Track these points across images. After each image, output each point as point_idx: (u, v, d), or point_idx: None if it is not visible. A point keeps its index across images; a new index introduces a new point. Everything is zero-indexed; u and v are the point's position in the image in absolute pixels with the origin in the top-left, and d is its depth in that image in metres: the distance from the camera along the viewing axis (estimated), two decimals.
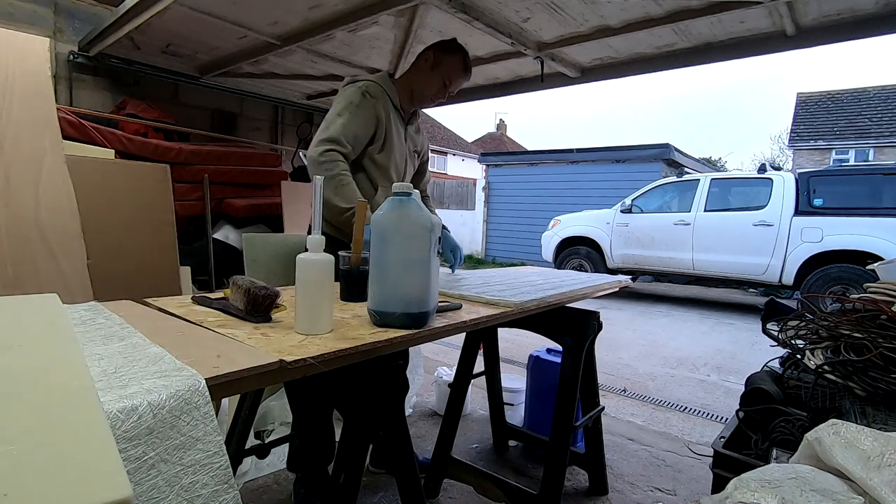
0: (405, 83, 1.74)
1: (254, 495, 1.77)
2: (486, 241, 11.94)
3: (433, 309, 0.98)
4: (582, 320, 1.59)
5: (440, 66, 1.71)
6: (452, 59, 1.72)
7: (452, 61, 1.72)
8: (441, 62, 1.71)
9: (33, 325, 0.79)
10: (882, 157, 12.84)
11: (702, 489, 1.94)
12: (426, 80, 1.72)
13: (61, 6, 2.82)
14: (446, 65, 1.71)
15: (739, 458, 1.14)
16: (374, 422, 1.18)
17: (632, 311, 6.23)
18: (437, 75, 1.71)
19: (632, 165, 9.58)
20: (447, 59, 1.71)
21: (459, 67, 1.73)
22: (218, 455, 0.57)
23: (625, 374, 3.54)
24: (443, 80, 1.71)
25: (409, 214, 0.94)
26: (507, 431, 2.21)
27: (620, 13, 1.99)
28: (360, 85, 1.60)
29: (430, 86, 1.72)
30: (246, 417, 1.44)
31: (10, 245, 1.90)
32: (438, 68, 1.70)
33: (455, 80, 1.74)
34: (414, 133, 1.84)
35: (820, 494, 0.70)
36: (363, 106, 1.57)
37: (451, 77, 1.72)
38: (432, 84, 1.72)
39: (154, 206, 2.46)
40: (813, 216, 5.64)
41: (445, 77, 1.72)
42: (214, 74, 3.06)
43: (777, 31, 2.03)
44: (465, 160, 25.75)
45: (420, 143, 1.90)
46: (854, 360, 1.10)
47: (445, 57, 1.71)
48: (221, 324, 0.90)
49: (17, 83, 2.09)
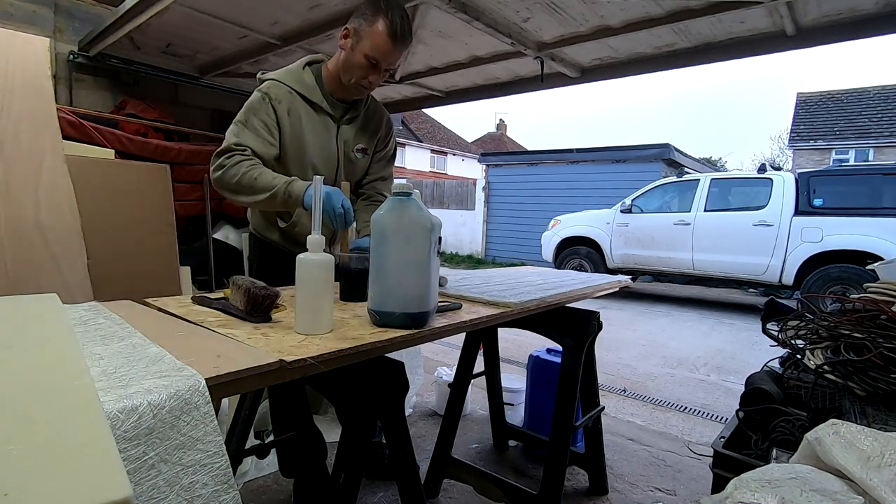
0: (333, 70, 1.43)
1: (254, 495, 1.77)
2: (486, 241, 11.94)
3: (433, 309, 0.98)
4: (582, 320, 1.59)
5: (360, 43, 1.33)
6: (373, 28, 1.30)
7: (373, 32, 1.31)
8: (361, 37, 1.33)
9: (33, 325, 0.79)
10: (882, 157, 12.84)
11: (702, 489, 1.94)
12: (348, 63, 1.37)
13: (61, 6, 2.82)
14: (367, 37, 1.32)
15: (739, 458, 1.14)
16: (373, 422, 1.18)
17: (632, 311, 6.23)
18: (359, 55, 1.34)
19: (632, 165, 9.58)
20: (367, 30, 1.31)
21: (384, 37, 1.30)
22: (218, 455, 0.57)
23: (625, 374, 3.54)
24: (367, 58, 1.33)
25: (409, 214, 0.94)
26: (507, 431, 2.21)
27: (620, 13, 1.99)
28: (263, 88, 1.39)
29: (353, 69, 1.37)
30: (246, 417, 1.44)
31: (10, 245, 1.90)
32: (359, 46, 1.33)
33: (383, 55, 1.33)
34: (355, 128, 1.53)
35: (820, 494, 0.70)
36: (259, 111, 1.36)
37: (377, 53, 1.32)
38: (356, 66, 1.36)
39: (154, 206, 2.46)
40: (813, 216, 5.64)
41: (370, 55, 1.33)
42: (214, 74, 3.06)
43: (777, 31, 2.03)
44: (465, 160, 25.76)
45: (369, 140, 1.58)
46: (854, 360, 1.10)
47: (365, 28, 1.32)
48: (221, 324, 0.90)
49: (17, 83, 2.09)
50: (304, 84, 1.43)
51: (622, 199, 7.30)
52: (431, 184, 13.91)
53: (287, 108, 1.39)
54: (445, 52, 2.54)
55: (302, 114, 1.42)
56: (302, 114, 1.42)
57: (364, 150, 1.58)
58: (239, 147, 1.33)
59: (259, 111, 1.36)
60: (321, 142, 1.46)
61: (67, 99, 2.84)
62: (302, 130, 1.42)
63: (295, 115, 1.41)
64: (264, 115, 1.36)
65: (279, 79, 1.41)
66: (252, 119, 1.35)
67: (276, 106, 1.37)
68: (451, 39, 2.37)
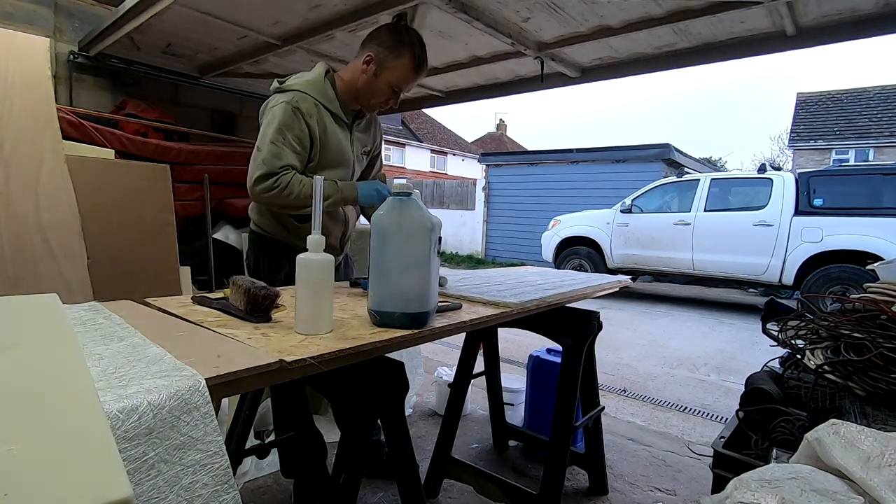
0: (348, 86, 1.53)
1: (254, 495, 1.77)
2: (486, 241, 11.95)
3: (433, 309, 0.98)
4: (582, 320, 1.59)
5: (385, 72, 1.46)
6: (400, 62, 1.45)
7: (399, 66, 1.46)
8: (385, 67, 1.46)
9: (33, 325, 0.79)
10: (882, 157, 12.84)
11: (702, 489, 1.94)
12: (371, 88, 1.49)
13: (61, 6, 2.82)
14: (392, 69, 1.46)
15: (739, 458, 1.14)
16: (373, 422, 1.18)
17: (632, 311, 6.23)
18: (383, 83, 1.48)
19: (632, 165, 9.58)
20: (393, 62, 1.45)
21: (409, 70, 1.47)
22: (218, 455, 0.57)
23: (625, 374, 3.54)
24: (390, 87, 1.49)
25: (409, 214, 0.94)
26: (507, 431, 2.21)
27: (620, 13, 1.99)
28: (290, 100, 1.41)
29: (376, 94, 1.51)
30: (246, 417, 1.44)
31: (10, 245, 1.90)
32: (383, 75, 1.47)
33: (406, 85, 1.51)
34: (361, 133, 1.66)
35: (820, 494, 0.70)
36: (293, 127, 1.41)
37: (401, 83, 1.49)
38: (379, 92, 1.50)
39: (154, 206, 2.46)
40: (813, 216, 5.64)
41: (393, 84, 1.49)
42: (214, 74, 3.06)
43: (777, 31, 2.03)
44: (465, 160, 25.76)
45: (370, 141, 1.71)
46: (854, 360, 1.10)
47: (390, 59, 1.45)
48: (221, 324, 0.90)
49: (17, 83, 2.09)
50: (327, 96, 1.50)
51: (622, 199, 7.30)
52: (431, 184, 13.91)
53: (316, 121, 1.46)
54: (445, 52, 2.54)
55: (326, 124, 1.49)
56: (326, 124, 1.49)
57: (367, 152, 1.71)
58: (283, 169, 1.40)
59: (293, 127, 1.41)
60: (342, 148, 1.55)
61: (67, 99, 2.84)
62: (328, 139, 1.50)
63: (321, 125, 1.47)
64: (298, 131, 1.42)
65: (305, 90, 1.46)
66: (287, 136, 1.41)
67: (308, 120, 1.44)
68: (451, 39, 2.37)
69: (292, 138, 1.41)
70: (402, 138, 22.96)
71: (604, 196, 9.16)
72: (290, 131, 1.40)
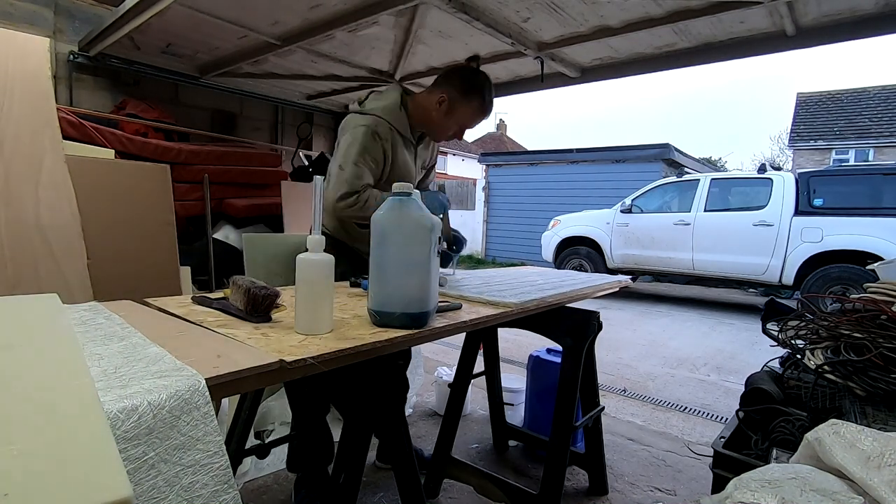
0: (419, 118, 1.66)
1: (254, 495, 1.77)
2: (486, 241, 11.94)
3: (433, 309, 0.98)
4: (582, 320, 1.59)
5: (455, 113, 1.61)
6: (469, 105, 1.60)
7: (469, 108, 1.61)
8: (456, 109, 1.60)
9: (33, 325, 0.79)
10: (882, 157, 12.84)
11: (702, 489, 1.94)
12: (441, 124, 1.64)
13: (61, 6, 2.82)
14: (463, 111, 1.61)
15: (739, 458, 1.14)
16: (374, 421, 1.18)
17: (632, 311, 6.23)
18: (453, 122, 1.63)
19: (632, 165, 9.58)
20: (463, 106, 1.60)
21: (477, 112, 1.63)
22: (218, 455, 0.57)
23: (625, 374, 3.54)
24: (459, 125, 1.65)
25: (409, 214, 0.94)
26: (507, 431, 2.21)
27: (620, 13, 1.99)
28: (370, 124, 1.54)
29: (445, 130, 1.67)
30: (246, 417, 1.44)
31: (10, 245, 1.90)
32: (454, 115, 1.61)
33: (473, 124, 1.67)
34: (423, 150, 1.80)
35: (820, 494, 0.70)
36: (373, 150, 1.54)
37: (468, 123, 1.65)
38: (448, 129, 1.66)
39: (154, 206, 2.46)
40: (813, 216, 5.64)
41: (462, 124, 1.65)
42: (214, 74, 3.06)
43: (777, 31, 2.03)
44: (465, 160, 25.75)
45: (429, 156, 1.88)
46: (854, 360, 1.10)
47: (461, 103, 1.59)
48: (221, 324, 0.90)
49: (17, 83, 2.09)
50: (401, 122, 1.64)
51: (622, 199, 7.30)
52: None
53: (391, 143, 1.60)
54: (445, 52, 2.54)
55: (398, 146, 1.63)
56: (398, 146, 1.63)
57: (425, 166, 1.88)
58: (363, 188, 1.53)
59: (372, 150, 1.55)
60: (408, 166, 1.69)
61: (67, 99, 2.84)
62: (397, 159, 1.63)
63: (394, 148, 1.61)
64: (376, 154, 1.56)
65: (383, 116, 1.59)
66: (367, 158, 1.54)
67: (384, 144, 1.58)
68: (451, 39, 2.37)
69: (371, 160, 1.55)
70: None
71: (604, 196, 9.16)
72: (370, 154, 1.54)
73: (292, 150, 4.03)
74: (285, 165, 3.91)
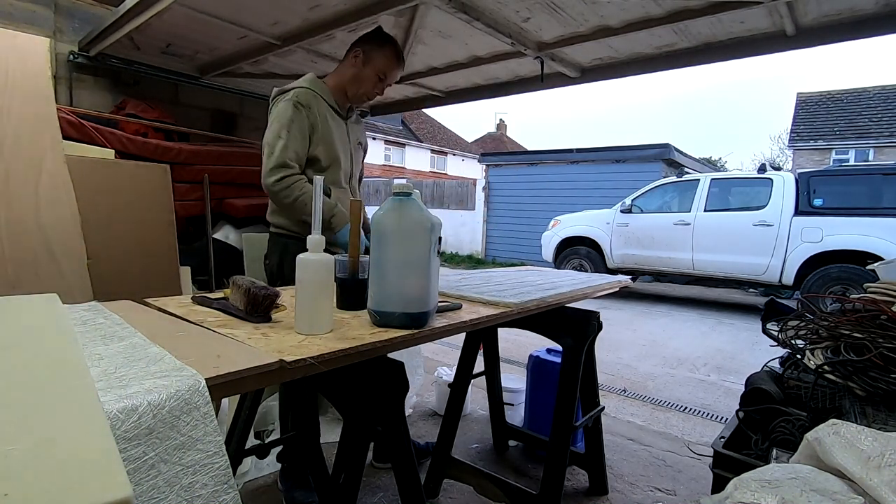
0: (337, 82, 1.73)
1: (254, 495, 1.77)
2: (486, 241, 11.94)
3: (433, 309, 0.98)
4: (582, 320, 1.59)
5: (372, 62, 1.69)
6: (383, 51, 1.70)
7: (384, 54, 1.70)
8: (372, 57, 1.69)
9: (33, 325, 0.79)
10: (882, 157, 12.84)
11: (702, 489, 1.94)
12: (359, 78, 1.70)
13: (61, 6, 2.82)
14: (378, 59, 1.69)
15: (739, 458, 1.14)
16: (374, 421, 1.18)
17: (632, 311, 6.23)
18: (370, 71, 1.70)
19: (632, 165, 9.58)
20: (378, 52, 1.69)
21: (392, 58, 1.71)
22: (218, 455, 0.57)
23: (625, 374, 3.54)
24: (377, 75, 1.71)
25: (409, 214, 0.94)
26: (507, 431, 2.21)
27: (620, 13, 1.99)
28: (290, 96, 1.58)
29: (364, 83, 1.71)
30: (246, 417, 1.44)
31: (10, 245, 1.90)
32: (370, 64, 1.69)
33: (390, 73, 1.73)
34: (355, 125, 1.84)
35: (820, 494, 0.70)
36: (297, 119, 1.57)
37: (386, 70, 1.71)
38: (366, 81, 1.71)
39: (154, 206, 2.46)
40: (813, 216, 5.64)
41: (379, 72, 1.71)
42: (214, 74, 3.06)
43: (777, 31, 2.03)
44: (465, 160, 25.75)
45: (361, 134, 1.91)
46: (854, 360, 1.10)
47: (375, 51, 1.69)
48: (221, 324, 0.90)
49: (17, 83, 2.09)
50: (323, 90, 1.68)
51: (622, 199, 7.30)
52: (431, 184, 13.90)
53: (315, 111, 1.61)
54: (445, 52, 2.54)
55: (326, 114, 1.65)
56: (326, 114, 1.65)
57: (360, 144, 1.89)
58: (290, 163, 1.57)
59: (296, 120, 1.57)
60: (341, 136, 1.71)
61: (67, 99, 2.84)
62: (328, 128, 1.65)
63: (322, 115, 1.63)
64: (301, 123, 1.58)
65: (302, 85, 1.63)
66: (293, 129, 1.56)
67: (308, 112, 1.59)
68: (451, 39, 2.37)
69: (296, 130, 1.57)
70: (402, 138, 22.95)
71: (604, 196, 9.16)
72: (294, 123, 1.56)
73: None
74: None
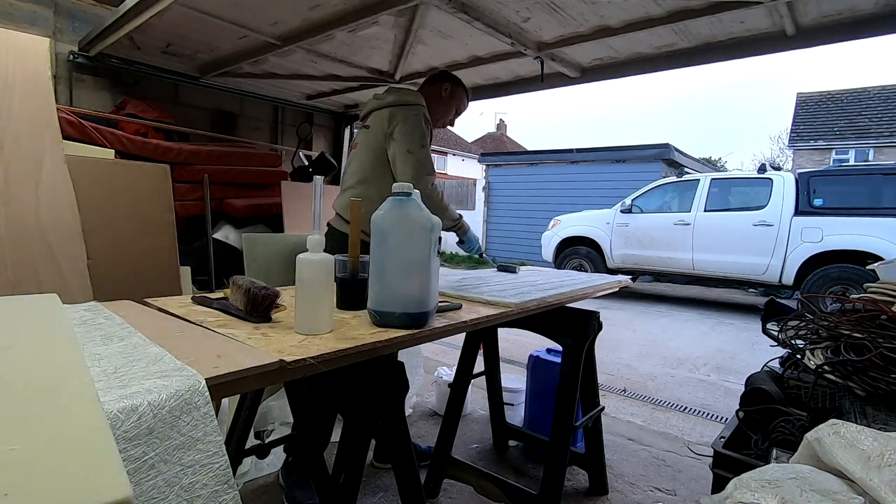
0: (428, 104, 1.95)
1: (254, 495, 1.77)
2: (486, 241, 11.94)
3: (433, 309, 0.98)
4: (582, 320, 1.59)
5: (454, 97, 2.00)
6: (462, 91, 2.04)
7: (462, 94, 2.04)
8: (455, 94, 2.01)
9: (33, 325, 0.79)
10: (882, 157, 12.83)
11: (702, 489, 1.94)
12: (443, 107, 1.99)
13: (61, 6, 2.82)
14: (459, 96, 2.02)
15: (739, 458, 1.14)
16: (374, 421, 1.18)
17: (632, 311, 6.23)
18: (452, 104, 2.01)
19: (632, 165, 9.58)
20: (459, 91, 2.02)
21: (466, 98, 2.07)
22: (218, 455, 0.57)
23: (625, 374, 3.54)
24: (455, 108, 2.03)
25: (408, 214, 0.94)
26: (507, 431, 2.21)
27: (620, 13, 1.99)
28: (424, 112, 1.85)
29: (446, 112, 2.01)
30: (246, 417, 1.44)
31: (10, 245, 1.90)
32: (453, 99, 2.00)
33: (462, 109, 2.08)
34: None
35: (820, 494, 0.70)
36: (427, 134, 1.83)
37: (461, 107, 2.06)
38: (448, 111, 2.02)
39: (154, 206, 2.46)
40: (813, 216, 5.63)
41: (457, 106, 2.03)
42: (214, 74, 3.06)
43: (777, 31, 2.03)
44: (465, 160, 25.73)
45: None
46: (854, 360, 1.10)
47: (458, 89, 2.02)
48: (221, 324, 0.90)
49: (17, 83, 2.09)
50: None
51: (622, 199, 7.30)
52: None
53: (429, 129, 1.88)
54: (445, 52, 2.54)
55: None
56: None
57: None
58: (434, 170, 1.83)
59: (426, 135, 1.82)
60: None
61: (67, 99, 2.84)
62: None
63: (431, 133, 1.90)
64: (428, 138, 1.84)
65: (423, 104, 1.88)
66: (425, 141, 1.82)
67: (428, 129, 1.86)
68: (451, 39, 2.37)
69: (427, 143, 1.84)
70: None
71: (604, 196, 9.15)
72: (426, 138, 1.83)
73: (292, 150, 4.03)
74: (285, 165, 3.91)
